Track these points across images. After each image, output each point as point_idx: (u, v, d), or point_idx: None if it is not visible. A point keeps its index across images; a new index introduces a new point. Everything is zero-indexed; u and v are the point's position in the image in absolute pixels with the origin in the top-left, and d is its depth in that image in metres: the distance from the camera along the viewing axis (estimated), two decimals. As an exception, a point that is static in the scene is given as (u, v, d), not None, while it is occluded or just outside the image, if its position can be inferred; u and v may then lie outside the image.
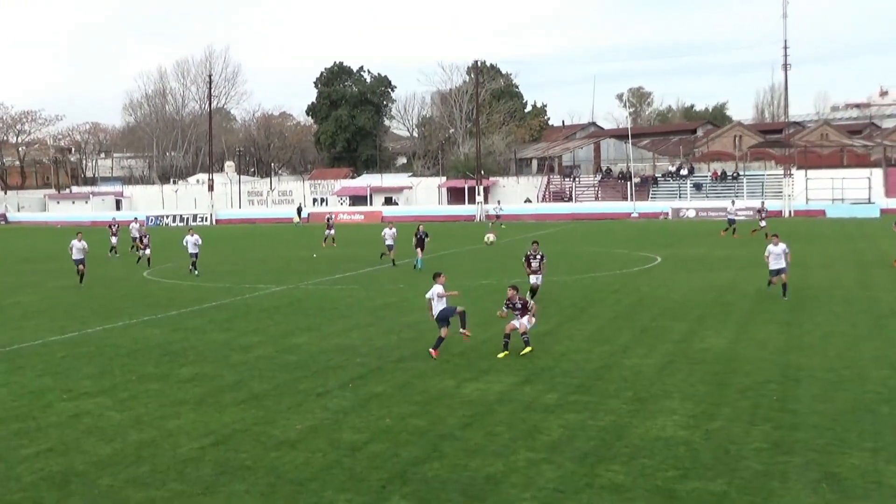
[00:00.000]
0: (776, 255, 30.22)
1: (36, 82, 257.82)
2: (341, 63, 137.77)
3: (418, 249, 43.87)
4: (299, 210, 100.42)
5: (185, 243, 45.07)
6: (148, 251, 49.38)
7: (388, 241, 46.12)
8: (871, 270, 38.08)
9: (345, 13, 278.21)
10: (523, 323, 22.42)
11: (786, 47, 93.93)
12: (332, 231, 60.65)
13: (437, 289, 22.59)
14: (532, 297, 28.14)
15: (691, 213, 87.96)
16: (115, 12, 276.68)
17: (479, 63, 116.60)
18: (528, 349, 22.22)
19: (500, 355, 21.96)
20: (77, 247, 39.87)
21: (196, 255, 44.20)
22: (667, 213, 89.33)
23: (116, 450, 15.31)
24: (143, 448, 15.37)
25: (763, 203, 71.95)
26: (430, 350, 22.27)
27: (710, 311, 28.48)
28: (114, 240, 58.73)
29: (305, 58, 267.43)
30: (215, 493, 13.05)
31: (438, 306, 22.61)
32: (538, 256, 30.64)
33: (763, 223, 58.93)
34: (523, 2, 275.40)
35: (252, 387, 19.65)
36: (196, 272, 43.42)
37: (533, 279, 30.60)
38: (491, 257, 50.15)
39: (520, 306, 22.60)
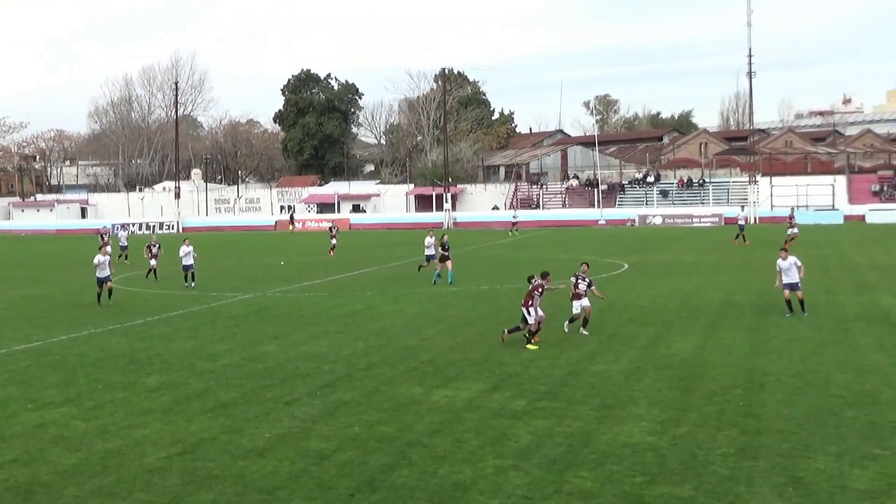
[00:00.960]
0: (786, 269, 27.82)
1: (0, 89, 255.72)
2: (308, 70, 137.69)
3: (445, 263, 40.01)
4: (292, 217, 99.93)
5: (181, 254, 41.87)
6: (154, 262, 45.15)
7: (429, 252, 42.44)
8: (835, 276, 38.44)
9: (312, 20, 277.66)
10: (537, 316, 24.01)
11: (750, 55, 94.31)
12: (335, 240, 59.48)
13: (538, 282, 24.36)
14: (570, 323, 25.81)
15: (658, 220, 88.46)
16: (79, 19, 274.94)
17: (446, 70, 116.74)
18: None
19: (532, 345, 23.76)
20: (104, 260, 35.12)
21: (190, 266, 41.53)
22: (634, 220, 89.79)
23: (82, 460, 15.19)
24: (109, 458, 15.26)
25: (792, 210, 71.11)
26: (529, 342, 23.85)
27: (676, 316, 28.64)
28: (106, 248, 57.13)
29: (272, 65, 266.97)
30: (182, 503, 12.98)
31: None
32: (587, 280, 25.81)
33: (793, 230, 57.05)
34: (490, 10, 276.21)
35: (219, 395, 19.56)
36: (192, 284, 40.90)
37: (576, 306, 25.84)
38: (460, 265, 50.15)
39: (539, 290, 24.15)
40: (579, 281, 25.61)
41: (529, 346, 23.55)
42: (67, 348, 26.09)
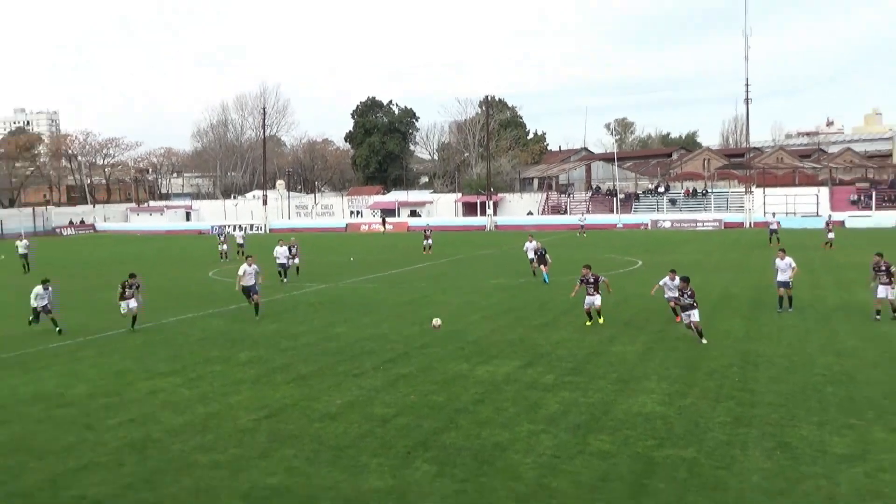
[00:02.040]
0: (782, 269, 26.86)
1: (119, 114, 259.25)
2: (374, 97, 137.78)
3: (541, 266, 37.62)
4: (384, 220, 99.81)
5: (275, 254, 40.49)
6: (297, 260, 42.31)
7: (531, 255, 39.57)
8: (818, 273, 37.88)
9: (377, 55, 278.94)
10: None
11: (747, 84, 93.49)
12: (430, 241, 57.89)
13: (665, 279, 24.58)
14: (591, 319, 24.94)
15: (667, 224, 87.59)
16: (185, 56, 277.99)
17: (488, 98, 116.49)
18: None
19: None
20: (250, 272, 28.24)
21: (284, 265, 39.92)
22: (647, 224, 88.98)
23: (186, 421, 15.43)
24: (208, 419, 15.48)
25: (830, 215, 68.98)
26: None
27: (682, 306, 28.40)
28: (224, 247, 56.34)
29: (344, 93, 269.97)
30: (269, 458, 13.14)
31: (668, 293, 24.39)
32: (592, 280, 25.14)
33: (831, 234, 54.25)
34: (528, 45, 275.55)
35: (299, 368, 19.75)
36: (285, 280, 39.18)
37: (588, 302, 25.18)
38: (500, 262, 50.12)
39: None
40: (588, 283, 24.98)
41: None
42: (175, 328, 26.47)
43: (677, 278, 23.59)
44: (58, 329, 25.82)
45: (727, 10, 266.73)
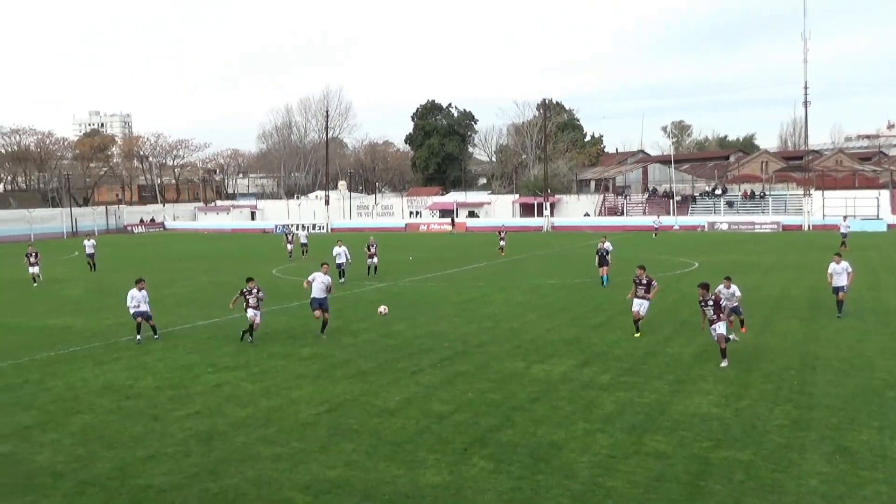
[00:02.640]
0: (838, 273, 25.84)
1: (189, 116, 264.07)
2: (433, 100, 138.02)
3: (602, 268, 36.02)
4: (453, 220, 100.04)
5: (334, 254, 39.52)
6: (376, 259, 41.91)
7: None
8: (879, 275, 36.93)
9: (437, 59, 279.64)
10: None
11: (806, 87, 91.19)
12: (504, 241, 56.66)
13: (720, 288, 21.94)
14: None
15: (724, 226, 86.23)
16: (250, 60, 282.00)
17: (546, 100, 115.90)
18: (637, 334, 22.82)
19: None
20: (321, 280, 24.19)
21: (342, 265, 39.03)
22: (704, 226, 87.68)
23: (250, 414, 15.58)
24: (271, 413, 15.62)
25: None
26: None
27: (739, 308, 27.93)
28: (290, 246, 56.06)
29: (404, 96, 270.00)
30: (329, 451, 13.21)
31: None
32: (643, 282, 23.24)
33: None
34: (587, 48, 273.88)
35: (359, 365, 19.84)
36: (342, 280, 38.01)
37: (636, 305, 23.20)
38: (557, 262, 49.86)
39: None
40: (638, 284, 23.24)
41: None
42: (240, 324, 26.72)
43: (733, 286, 22.27)
44: (156, 336, 24.00)
45: (786, 13, 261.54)
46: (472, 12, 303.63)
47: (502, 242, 56.89)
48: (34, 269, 41.87)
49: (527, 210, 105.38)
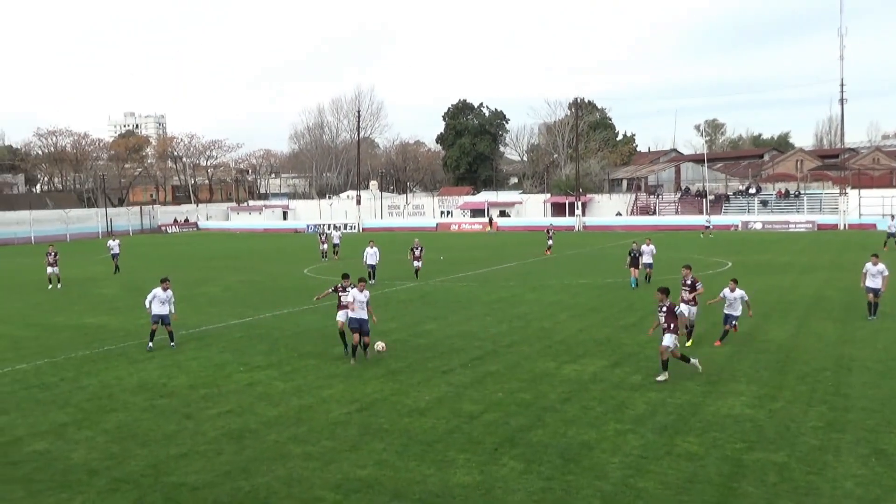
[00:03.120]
0: (873, 274, 25.14)
1: (222, 117, 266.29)
2: (464, 100, 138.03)
3: (633, 269, 34.73)
4: (491, 220, 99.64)
5: (364, 256, 39.56)
6: (420, 263, 40.57)
7: (647, 259, 35.95)
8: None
9: (469, 59, 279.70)
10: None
11: (842, 85, 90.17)
12: (552, 241, 56.46)
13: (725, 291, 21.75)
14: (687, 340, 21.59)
15: (758, 226, 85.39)
16: (280, 59, 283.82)
17: (578, 100, 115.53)
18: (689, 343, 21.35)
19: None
20: (360, 300, 20.54)
21: (374, 266, 39.13)
22: (737, 226, 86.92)
23: (281, 412, 15.67)
24: (302, 412, 15.70)
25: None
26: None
27: (773, 308, 27.67)
28: (324, 247, 55.52)
29: (436, 96, 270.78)
30: (359, 450, 13.24)
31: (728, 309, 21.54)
32: (688, 282, 22.43)
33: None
34: (619, 46, 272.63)
35: (389, 364, 19.87)
36: (373, 281, 37.50)
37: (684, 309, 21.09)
38: (588, 262, 49.65)
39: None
40: (683, 288, 22.19)
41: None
42: (271, 324, 26.94)
43: (738, 290, 21.59)
44: (172, 344, 22.65)
45: (822, 11, 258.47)
46: (504, 12, 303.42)
47: (550, 241, 56.34)
48: (52, 270, 40.87)
49: (558, 209, 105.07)
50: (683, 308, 20.85)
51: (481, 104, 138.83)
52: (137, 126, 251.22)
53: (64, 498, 11.44)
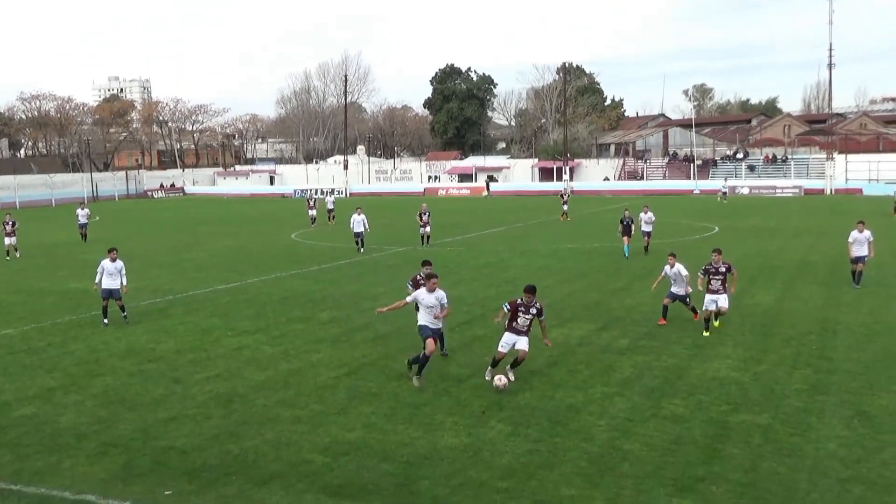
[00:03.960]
0: (861, 242, 24.57)
1: (208, 82, 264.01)
2: (452, 64, 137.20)
3: (625, 237, 33.50)
4: (488, 185, 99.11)
5: (351, 222, 37.43)
6: (428, 228, 39.43)
7: (646, 228, 34.91)
8: (901, 240, 36.61)
9: (456, 22, 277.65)
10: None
11: (830, 49, 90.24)
12: (567, 206, 55.32)
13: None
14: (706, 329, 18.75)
15: (745, 191, 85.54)
16: (268, 28, 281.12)
17: (566, 64, 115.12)
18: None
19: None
20: (430, 303, 15.19)
21: (360, 233, 37.01)
22: (725, 191, 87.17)
23: (269, 377, 15.71)
24: (290, 376, 15.74)
25: None
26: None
27: (759, 272, 27.81)
28: (312, 212, 53.70)
29: (423, 60, 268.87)
30: (348, 414, 13.31)
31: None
32: (722, 270, 19.18)
33: None
34: (606, 11, 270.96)
35: (378, 328, 19.91)
36: (362, 249, 36.60)
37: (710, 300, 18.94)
38: (577, 227, 49.70)
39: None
40: (712, 275, 19.16)
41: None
42: (258, 288, 26.92)
43: (677, 265, 19.87)
44: (124, 315, 21.31)
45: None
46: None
47: (565, 207, 55.32)
48: (10, 241, 38.01)
49: (546, 174, 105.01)
50: (711, 298, 18.79)
51: (469, 69, 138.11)
52: (122, 90, 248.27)
53: (52, 462, 11.46)
